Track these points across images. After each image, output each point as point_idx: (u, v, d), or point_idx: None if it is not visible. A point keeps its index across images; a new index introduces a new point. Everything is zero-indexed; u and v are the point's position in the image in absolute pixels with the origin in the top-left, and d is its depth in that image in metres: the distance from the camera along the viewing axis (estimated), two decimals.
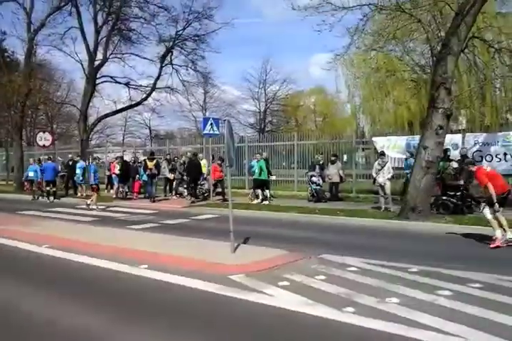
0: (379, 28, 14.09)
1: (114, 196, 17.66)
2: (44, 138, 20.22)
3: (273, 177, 15.70)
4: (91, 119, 30.11)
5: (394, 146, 15.73)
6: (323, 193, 15.06)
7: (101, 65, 26.15)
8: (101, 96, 30.29)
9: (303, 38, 71.78)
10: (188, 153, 19.04)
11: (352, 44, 13.18)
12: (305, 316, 4.35)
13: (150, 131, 47.47)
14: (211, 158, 16.88)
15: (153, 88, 28.01)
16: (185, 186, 17.20)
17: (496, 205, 7.76)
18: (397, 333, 3.87)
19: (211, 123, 15.53)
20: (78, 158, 19.30)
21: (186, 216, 12.48)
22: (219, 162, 15.57)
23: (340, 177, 15.20)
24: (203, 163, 16.64)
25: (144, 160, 17.33)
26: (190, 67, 28.38)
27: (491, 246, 7.73)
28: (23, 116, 25.06)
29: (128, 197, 17.68)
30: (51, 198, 17.27)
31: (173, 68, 28.35)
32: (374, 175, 12.89)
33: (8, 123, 26.46)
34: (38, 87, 24.54)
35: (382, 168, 12.68)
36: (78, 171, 18.35)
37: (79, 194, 18.55)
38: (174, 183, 18.31)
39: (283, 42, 70.22)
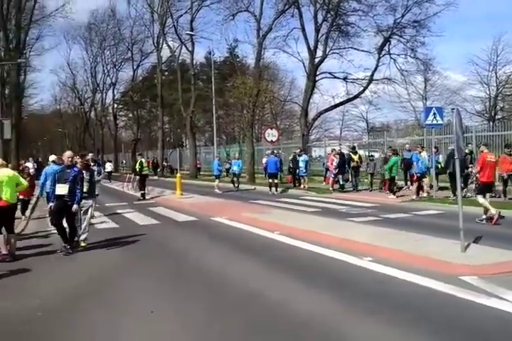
0: None
1: (331, 188, 18.24)
2: (272, 135, 22.16)
3: None
4: (311, 115, 31.91)
5: None
6: None
7: (320, 62, 27.43)
8: (320, 92, 31.74)
9: None
10: (407, 146, 18.42)
11: None
12: None
13: (367, 123, 47.54)
14: (434, 150, 15.93)
15: (371, 80, 28.00)
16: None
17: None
18: None
19: (434, 113, 14.63)
20: (298, 151, 20.67)
21: (406, 211, 12.12)
22: (507, 150, 13.31)
23: None
24: (423, 155, 15.81)
25: (349, 153, 17.52)
26: (410, 55, 27.50)
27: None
28: (254, 115, 27.94)
29: (345, 190, 18.02)
30: (273, 189, 18.61)
31: (391, 58, 27.91)
32: None
33: (241, 122, 29.93)
34: (265, 87, 26.96)
35: None
36: (301, 164, 19.63)
37: (302, 186, 19.78)
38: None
39: None
